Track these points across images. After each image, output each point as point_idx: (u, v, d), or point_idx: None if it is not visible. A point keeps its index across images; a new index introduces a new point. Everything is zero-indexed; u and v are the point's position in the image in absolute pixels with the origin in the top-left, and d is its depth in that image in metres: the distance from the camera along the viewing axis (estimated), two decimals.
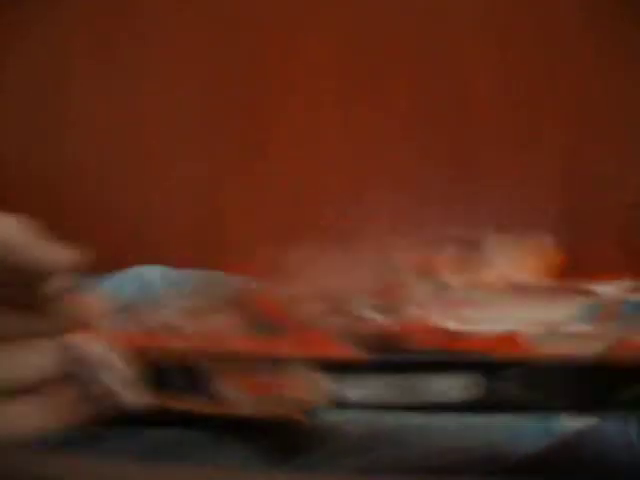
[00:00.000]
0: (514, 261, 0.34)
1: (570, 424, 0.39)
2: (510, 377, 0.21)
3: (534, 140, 0.76)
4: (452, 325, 0.25)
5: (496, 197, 0.77)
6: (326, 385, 0.44)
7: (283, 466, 0.38)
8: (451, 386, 0.22)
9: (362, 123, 0.80)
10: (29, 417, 0.28)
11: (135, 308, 0.29)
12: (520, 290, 0.31)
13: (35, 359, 0.29)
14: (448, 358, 0.22)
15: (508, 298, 0.29)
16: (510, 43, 0.77)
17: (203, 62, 0.83)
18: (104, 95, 0.84)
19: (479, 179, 0.78)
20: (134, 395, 0.26)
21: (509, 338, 0.22)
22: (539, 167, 0.76)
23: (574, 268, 0.73)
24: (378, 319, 0.26)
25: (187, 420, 0.36)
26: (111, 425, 0.29)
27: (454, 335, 0.24)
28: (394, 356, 0.23)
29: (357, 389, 0.23)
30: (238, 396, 0.24)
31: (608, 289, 0.28)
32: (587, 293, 0.28)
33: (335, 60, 0.80)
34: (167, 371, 0.25)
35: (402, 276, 0.31)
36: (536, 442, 0.37)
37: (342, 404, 0.23)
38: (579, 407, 0.21)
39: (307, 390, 0.44)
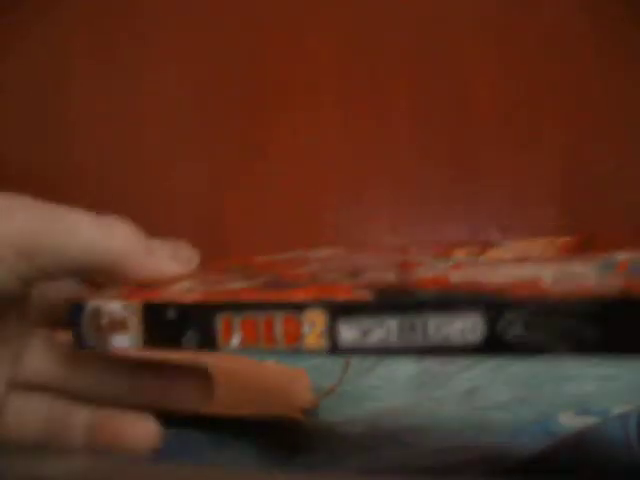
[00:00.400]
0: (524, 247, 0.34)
1: (570, 424, 0.39)
2: (518, 318, 0.21)
3: (534, 140, 0.76)
4: (461, 277, 0.25)
5: (496, 197, 0.77)
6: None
7: (283, 466, 0.38)
8: (457, 327, 0.21)
9: (362, 123, 0.80)
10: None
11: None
12: (531, 258, 0.31)
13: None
14: (454, 298, 0.21)
15: (519, 263, 0.29)
16: (510, 43, 0.77)
17: (203, 62, 0.83)
18: (104, 95, 0.84)
19: (479, 179, 0.78)
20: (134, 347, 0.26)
21: (520, 281, 0.22)
22: (539, 167, 0.76)
23: None
24: (389, 277, 0.26)
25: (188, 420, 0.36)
26: None
27: (462, 280, 0.23)
28: (400, 297, 0.22)
29: (363, 331, 0.22)
30: (243, 347, 0.24)
31: (620, 254, 0.29)
32: (599, 256, 0.28)
33: (335, 60, 0.80)
34: (178, 323, 0.25)
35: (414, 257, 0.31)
36: (536, 442, 0.37)
37: (347, 348, 0.22)
38: (589, 349, 0.20)
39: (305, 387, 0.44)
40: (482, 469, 0.36)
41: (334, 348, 0.23)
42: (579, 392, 0.45)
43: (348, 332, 0.22)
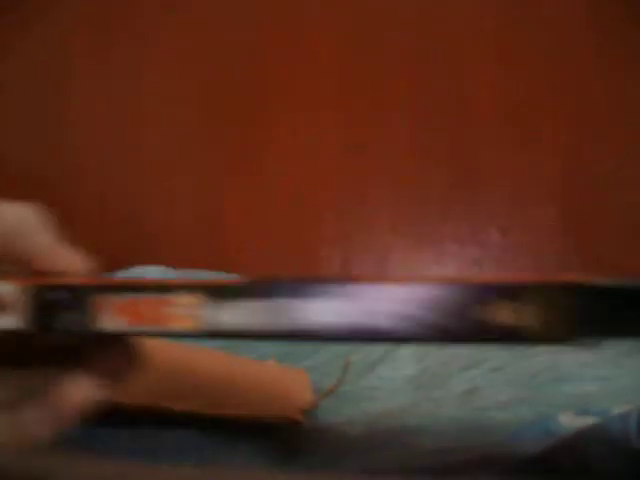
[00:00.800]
0: None
1: (570, 424, 0.39)
2: (384, 303, 0.22)
3: (534, 140, 0.76)
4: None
5: (496, 197, 0.77)
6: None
7: (283, 466, 0.38)
8: (321, 312, 0.22)
9: (362, 123, 0.80)
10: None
11: None
12: None
13: None
14: (321, 283, 0.23)
15: None
16: (510, 43, 0.77)
17: (203, 62, 0.83)
18: (104, 95, 0.84)
19: (479, 179, 0.78)
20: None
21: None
22: (539, 167, 0.76)
23: (575, 267, 0.73)
24: None
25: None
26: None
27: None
28: (269, 282, 0.23)
29: (232, 315, 0.23)
30: (120, 326, 0.24)
31: None
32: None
33: (335, 60, 0.80)
34: (64, 305, 0.25)
35: None
36: (536, 442, 0.37)
37: (217, 331, 0.23)
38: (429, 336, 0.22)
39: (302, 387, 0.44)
40: (482, 469, 0.36)
41: (206, 331, 0.24)
42: (579, 392, 0.45)
43: (220, 315, 0.23)
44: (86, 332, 0.25)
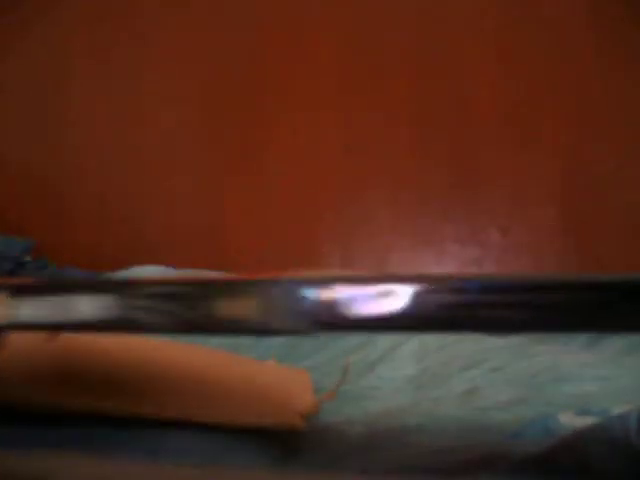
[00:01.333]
0: None
1: (570, 424, 0.39)
2: (143, 299, 0.25)
3: (534, 140, 0.76)
4: None
5: (496, 197, 0.77)
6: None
7: (283, 466, 0.38)
8: (93, 305, 0.26)
9: (362, 123, 0.80)
10: None
11: None
12: None
13: None
14: (93, 279, 0.26)
15: None
16: (510, 43, 0.77)
17: (203, 62, 0.83)
18: (104, 95, 0.84)
19: (479, 179, 0.78)
20: None
21: None
22: (539, 167, 0.76)
23: (574, 266, 0.73)
24: None
25: None
26: None
27: None
28: (60, 280, 0.27)
29: (31, 310, 0.27)
30: None
31: None
32: None
33: (335, 60, 0.80)
34: None
35: None
36: (536, 442, 0.37)
37: (20, 324, 0.27)
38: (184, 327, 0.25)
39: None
40: (482, 469, 0.36)
41: (11, 323, 0.27)
42: (579, 392, 0.45)
43: (22, 310, 0.27)
44: None
